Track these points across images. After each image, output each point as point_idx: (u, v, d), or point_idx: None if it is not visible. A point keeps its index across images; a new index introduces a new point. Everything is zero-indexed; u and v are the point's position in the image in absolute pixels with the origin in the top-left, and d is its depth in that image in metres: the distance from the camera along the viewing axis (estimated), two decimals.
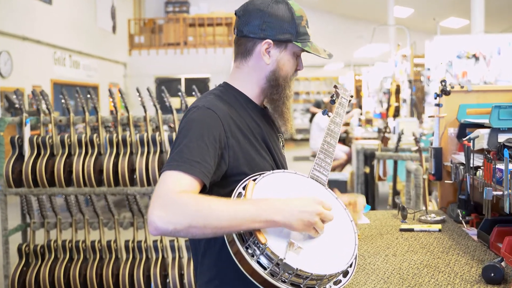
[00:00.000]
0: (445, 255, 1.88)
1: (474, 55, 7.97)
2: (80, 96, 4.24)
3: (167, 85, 4.54)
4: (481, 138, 2.14)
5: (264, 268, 1.37)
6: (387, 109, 10.24)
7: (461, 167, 2.25)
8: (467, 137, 2.18)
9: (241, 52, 1.70)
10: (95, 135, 4.09)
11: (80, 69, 13.55)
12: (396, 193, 5.63)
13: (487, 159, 1.93)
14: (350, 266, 1.48)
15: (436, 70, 8.35)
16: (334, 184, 6.89)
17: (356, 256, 1.50)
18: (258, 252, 1.38)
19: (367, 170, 6.19)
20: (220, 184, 1.58)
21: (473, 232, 2.21)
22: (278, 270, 1.37)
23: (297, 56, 1.71)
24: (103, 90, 14.84)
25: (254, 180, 1.52)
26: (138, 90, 4.33)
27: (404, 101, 9.63)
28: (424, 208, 4.35)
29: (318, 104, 13.77)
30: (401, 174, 5.82)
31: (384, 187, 5.74)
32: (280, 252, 1.37)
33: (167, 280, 4.04)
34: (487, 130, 2.14)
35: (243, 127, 1.64)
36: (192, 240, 1.70)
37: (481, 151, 2.18)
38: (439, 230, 2.22)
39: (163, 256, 4.10)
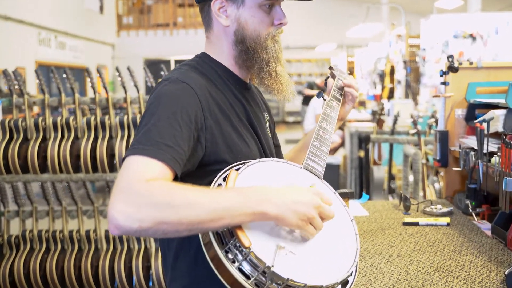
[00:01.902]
0: (458, 255, 1.63)
1: (471, 35, 7.72)
2: (55, 77, 3.94)
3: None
4: (496, 120, 1.88)
5: (248, 277, 1.12)
6: (382, 91, 9.99)
7: (472, 152, 2.00)
8: (481, 118, 1.92)
9: (204, 21, 1.46)
10: (71, 118, 3.81)
11: (66, 50, 13.18)
12: (391, 177, 5.40)
13: (506, 144, 1.68)
14: (351, 274, 1.23)
15: (432, 50, 8.10)
16: (326, 168, 6.64)
17: (357, 263, 1.25)
18: (240, 257, 1.13)
19: (362, 154, 5.95)
20: (196, 174, 1.31)
21: (485, 226, 1.96)
22: (264, 280, 1.12)
23: (269, 6, 1.39)
24: (95, 73, 14.48)
25: (237, 169, 1.26)
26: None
27: (399, 82, 9.37)
28: (422, 194, 4.14)
29: (310, 86, 13.49)
30: (396, 158, 5.59)
31: (379, 172, 5.50)
32: (267, 257, 1.12)
33: (150, 272, 3.79)
34: (503, 111, 1.88)
35: (224, 105, 1.37)
36: (162, 239, 1.44)
37: (495, 134, 1.92)
38: (448, 224, 1.97)
39: (145, 247, 3.85)
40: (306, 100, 11.58)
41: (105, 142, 3.73)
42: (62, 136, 3.80)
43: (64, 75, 3.96)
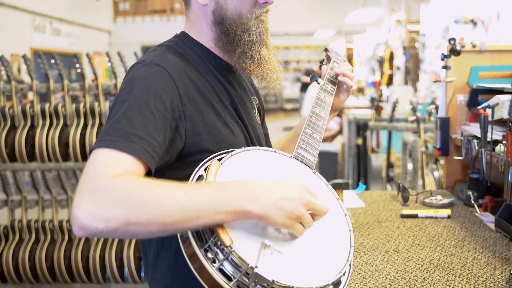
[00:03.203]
0: (459, 251, 1.52)
1: (471, 20, 7.59)
2: (44, 62, 3.82)
3: None
4: (501, 106, 1.77)
5: (229, 279, 1.01)
6: (381, 77, 9.86)
7: (475, 140, 1.89)
8: (484, 104, 1.81)
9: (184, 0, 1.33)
10: (60, 105, 3.69)
11: (61, 37, 13.02)
12: (390, 165, 5.29)
13: None
14: (344, 274, 1.12)
15: (432, 36, 7.97)
16: (324, 156, 6.54)
17: (351, 262, 1.15)
18: (221, 256, 1.02)
19: (360, 141, 5.84)
20: (176, 166, 1.20)
21: (488, 219, 1.86)
22: (247, 281, 1.01)
23: None
24: (87, 59, 14.30)
25: (220, 159, 1.15)
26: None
27: (398, 68, 9.23)
28: (421, 183, 4.04)
29: (308, 73, 13.34)
30: (395, 146, 5.47)
31: (377, 160, 5.39)
32: (250, 257, 1.01)
33: (142, 263, 3.69)
34: (509, 97, 1.77)
35: (206, 90, 1.25)
36: None
37: (499, 121, 1.81)
38: (448, 217, 1.86)
39: None
40: (305, 87, 11.47)
41: (95, 130, 3.61)
42: (51, 124, 3.68)
43: (52, 61, 3.83)
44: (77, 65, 3.80)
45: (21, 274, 3.73)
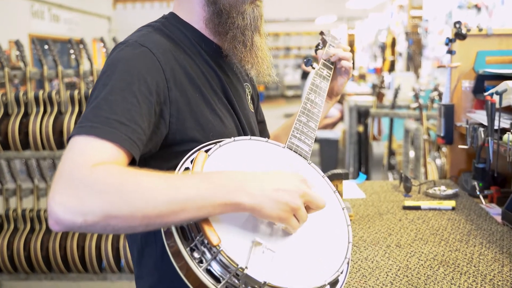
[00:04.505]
0: (465, 246, 1.44)
1: (475, 5, 7.47)
2: (37, 48, 3.72)
3: None
4: (509, 92, 1.68)
5: (217, 280, 0.93)
6: (382, 63, 9.75)
7: (481, 129, 1.80)
8: (492, 90, 1.72)
9: None
10: (54, 92, 3.60)
11: (60, 23, 12.89)
12: (391, 153, 5.21)
13: None
14: (341, 273, 1.04)
15: (435, 21, 7.86)
16: (325, 144, 6.46)
17: (349, 259, 1.07)
18: (208, 256, 0.94)
19: (361, 128, 5.75)
20: (160, 156, 1.12)
21: (494, 211, 1.77)
22: (237, 282, 0.93)
23: None
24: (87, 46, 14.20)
25: (207, 151, 1.06)
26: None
27: (400, 54, 9.12)
28: (423, 171, 3.96)
29: (308, 60, 13.24)
30: (397, 133, 5.39)
31: (379, 147, 5.30)
32: (240, 257, 0.93)
33: None
34: None
35: (194, 74, 1.16)
36: None
37: (507, 109, 1.72)
38: (453, 209, 1.78)
39: None
40: (306, 74, 11.37)
41: None
42: (45, 111, 3.60)
43: (46, 47, 3.74)
44: (71, 51, 3.71)
45: (16, 264, 3.67)
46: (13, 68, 5.28)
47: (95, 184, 0.87)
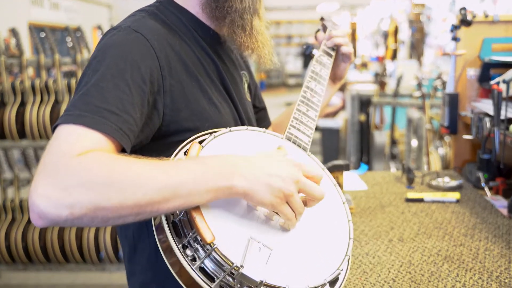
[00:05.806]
0: (470, 241, 1.39)
1: None
2: (34, 36, 3.67)
3: None
4: None
5: (211, 279, 0.88)
6: (385, 52, 9.66)
7: (486, 118, 1.75)
8: (499, 79, 1.66)
9: None
10: (51, 80, 3.54)
11: (60, 11, 12.80)
12: (393, 142, 5.16)
13: None
14: (342, 270, 1.00)
15: (438, 9, 7.77)
16: (326, 133, 6.40)
17: (349, 257, 1.02)
18: (202, 253, 0.89)
19: (363, 117, 5.69)
20: (152, 148, 1.06)
21: (500, 203, 1.72)
22: (232, 282, 0.88)
23: None
24: (87, 34, 14.10)
25: (201, 142, 1.01)
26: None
27: (403, 42, 9.03)
28: (426, 160, 3.90)
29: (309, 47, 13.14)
30: (399, 122, 5.33)
31: (381, 136, 5.25)
32: (235, 255, 0.88)
33: None
34: None
35: (190, 61, 1.11)
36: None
37: None
38: (457, 201, 1.73)
39: None
40: (308, 63, 11.27)
41: None
42: (42, 100, 3.55)
43: (43, 35, 3.67)
44: (68, 39, 3.65)
45: (14, 255, 3.63)
46: (13, 56, 5.24)
47: (82, 173, 0.81)
